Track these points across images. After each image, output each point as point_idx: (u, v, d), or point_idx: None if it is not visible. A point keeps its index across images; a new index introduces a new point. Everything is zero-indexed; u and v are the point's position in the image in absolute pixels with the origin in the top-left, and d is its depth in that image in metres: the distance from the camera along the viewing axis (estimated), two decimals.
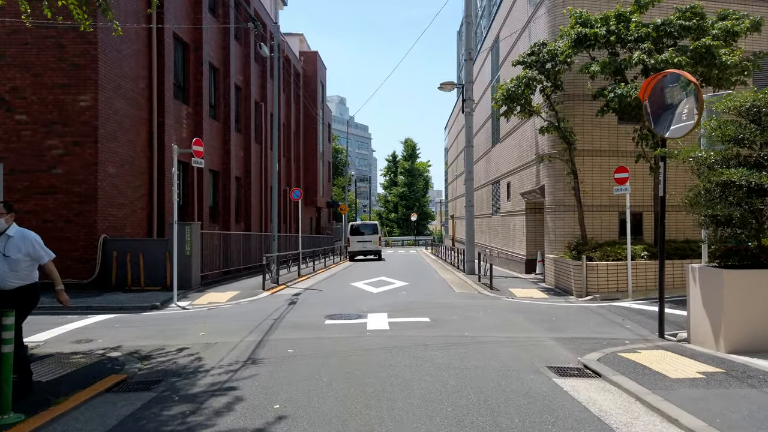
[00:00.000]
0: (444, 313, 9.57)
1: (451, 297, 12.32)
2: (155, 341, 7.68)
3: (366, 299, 11.92)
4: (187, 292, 13.13)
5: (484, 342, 7.21)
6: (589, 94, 14.71)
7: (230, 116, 22.07)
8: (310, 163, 38.67)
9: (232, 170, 22.10)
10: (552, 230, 15.06)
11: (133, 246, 13.65)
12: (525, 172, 17.82)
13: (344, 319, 9.09)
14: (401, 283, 15.46)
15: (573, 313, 9.79)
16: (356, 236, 30.09)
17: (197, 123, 19.09)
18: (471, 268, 18.24)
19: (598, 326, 8.44)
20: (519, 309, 10.25)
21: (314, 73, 40.08)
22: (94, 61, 13.44)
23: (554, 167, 14.96)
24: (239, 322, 9.17)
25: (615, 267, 12.17)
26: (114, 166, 14.13)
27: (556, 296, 12.40)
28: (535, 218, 17.68)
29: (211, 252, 17.55)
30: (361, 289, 14.15)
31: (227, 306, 11.44)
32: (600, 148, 14.93)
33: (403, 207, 69.55)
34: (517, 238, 19.05)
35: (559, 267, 13.69)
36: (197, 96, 19.13)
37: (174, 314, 10.41)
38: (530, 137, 17.15)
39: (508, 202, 20.65)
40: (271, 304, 11.43)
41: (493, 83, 23.69)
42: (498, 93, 14.35)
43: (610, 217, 14.95)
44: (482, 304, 10.94)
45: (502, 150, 21.97)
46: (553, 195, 15.02)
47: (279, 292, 13.79)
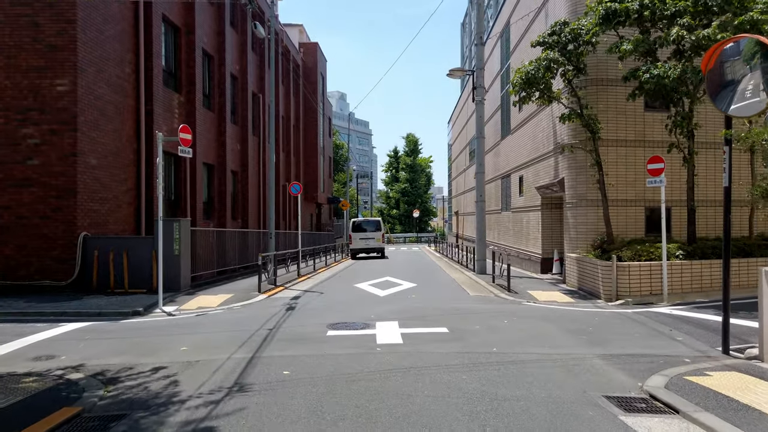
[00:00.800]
0: (463, 322, 8.39)
1: (467, 301, 11.13)
2: (128, 358, 6.51)
3: (372, 304, 10.74)
4: (176, 295, 11.95)
5: (519, 361, 6.03)
6: (613, 78, 13.54)
7: (225, 107, 20.87)
8: (311, 158, 37.46)
9: (227, 164, 20.91)
10: (573, 227, 13.87)
11: (116, 244, 12.47)
12: (540, 165, 16.61)
13: (349, 329, 7.92)
14: (409, 284, 14.28)
15: (609, 321, 8.61)
16: (358, 233, 28.91)
17: (190, 112, 17.89)
18: (482, 268, 17.07)
19: (644, 338, 7.26)
20: (546, 316, 9.06)
21: (314, 65, 38.83)
22: (72, 41, 12.24)
23: (575, 158, 13.76)
24: (229, 332, 7.99)
25: (648, 268, 10.98)
26: (96, 157, 12.94)
27: (581, 300, 11.22)
28: (552, 214, 16.49)
29: (205, 251, 16.38)
30: (366, 291, 12.97)
31: (218, 311, 10.27)
32: (625, 137, 13.73)
33: (405, 203, 68.31)
34: (531, 236, 17.86)
35: (583, 267, 12.51)
36: (190, 84, 17.92)
37: (157, 322, 9.23)
38: (546, 127, 15.94)
39: (520, 198, 19.46)
40: (266, 309, 10.25)
41: (503, 72, 22.47)
42: (515, 77, 13.14)
43: (635, 212, 13.77)
44: (503, 310, 9.76)
45: (512, 142, 20.76)
46: (574, 189, 13.83)
47: (276, 294, 12.61)
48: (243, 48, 23.79)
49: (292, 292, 12.94)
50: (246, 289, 13.23)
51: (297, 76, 35.12)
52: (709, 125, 13.53)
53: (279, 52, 29.55)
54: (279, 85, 29.54)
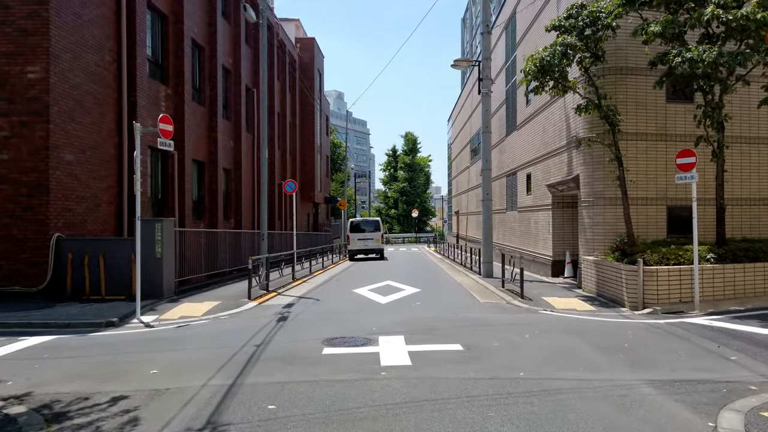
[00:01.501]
0: (478, 337, 7.36)
1: (478, 310, 10.09)
2: (86, 384, 5.47)
3: (373, 313, 9.70)
4: (157, 303, 10.90)
5: (553, 390, 5.00)
6: (632, 67, 12.53)
7: (217, 101, 19.79)
8: (307, 156, 36.41)
9: (219, 161, 19.83)
10: (589, 227, 12.86)
11: (92, 246, 11.40)
12: (551, 161, 15.60)
13: (348, 346, 6.88)
14: (412, 289, 13.24)
15: (644, 335, 7.58)
16: (356, 234, 27.86)
17: (178, 106, 16.81)
18: (488, 271, 16.05)
19: (692, 358, 6.24)
20: (570, 329, 8.03)
21: (311, 61, 37.77)
22: (45, 24, 11.17)
23: (592, 153, 12.75)
24: (210, 349, 6.95)
25: (677, 273, 9.96)
26: (72, 151, 11.88)
27: (603, 308, 10.20)
28: (563, 213, 15.47)
29: (194, 253, 15.36)
30: (366, 297, 11.93)
31: (202, 322, 9.21)
32: (645, 130, 12.72)
33: (403, 203, 67.27)
34: (540, 237, 16.85)
35: (603, 272, 11.48)
36: (178, 76, 16.85)
37: (131, 335, 8.18)
38: (559, 120, 14.93)
39: (527, 196, 18.44)
40: (255, 319, 9.20)
41: (508, 65, 21.46)
42: (528, 65, 12.11)
43: (656, 211, 12.76)
44: (520, 321, 8.73)
45: (519, 138, 19.74)
46: (591, 186, 12.82)
47: (268, 301, 11.56)
48: (236, 40, 22.72)
49: (285, 299, 11.90)
50: (235, 295, 12.18)
51: (293, 71, 34.08)
52: (738, 117, 12.55)
53: (274, 45, 28.51)
54: (274, 81, 28.48)
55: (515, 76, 20.27)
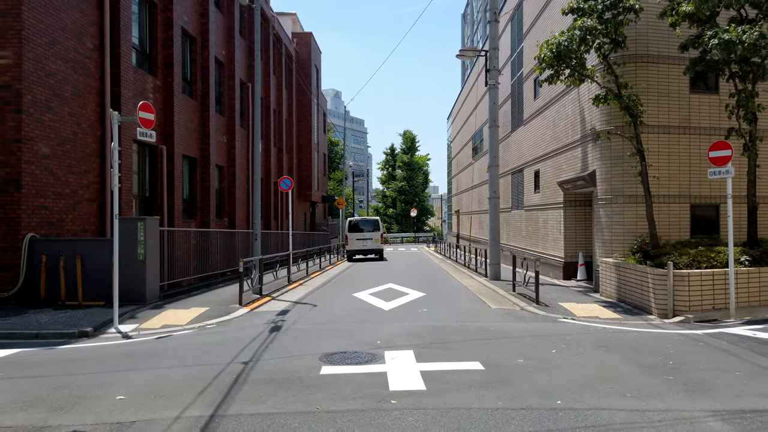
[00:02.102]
0: (498, 352, 6.45)
1: (491, 317, 9.17)
2: (36, 414, 4.54)
3: (377, 321, 8.78)
4: (139, 309, 9.96)
5: (602, 425, 4.09)
6: (654, 54, 11.66)
7: (210, 95, 18.85)
8: (304, 154, 35.47)
9: (212, 157, 18.89)
10: (606, 227, 11.97)
11: (69, 247, 10.46)
12: (563, 157, 14.71)
13: (351, 364, 5.96)
14: (416, 293, 12.33)
15: (687, 349, 6.68)
16: (355, 233, 26.94)
17: (167, 99, 15.87)
18: (495, 273, 15.15)
19: (753, 379, 5.34)
20: (601, 341, 7.12)
21: (308, 57, 36.82)
22: (16, 4, 10.22)
23: (610, 148, 11.87)
24: (191, 367, 6.03)
25: (710, 277, 9.08)
26: (48, 144, 10.93)
27: (629, 316, 9.30)
28: (576, 212, 14.58)
29: (185, 254, 14.49)
30: (368, 303, 11.00)
31: (186, 332, 8.29)
32: (667, 123, 11.84)
33: (401, 202, 66.33)
34: (549, 237, 15.96)
35: (625, 275, 10.59)
36: (167, 66, 15.90)
37: (104, 349, 7.25)
38: (571, 113, 14.04)
39: (535, 194, 17.55)
40: (245, 329, 8.27)
41: (513, 58, 20.57)
42: (542, 52, 11.21)
43: (679, 210, 11.89)
44: (541, 332, 7.83)
45: (526, 134, 18.85)
46: (609, 183, 11.93)
47: (261, 307, 10.63)
48: (230, 32, 21.77)
49: (279, 304, 10.96)
50: (225, 300, 11.24)
51: (290, 67, 33.14)
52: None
53: (270, 38, 27.58)
54: (270, 75, 27.54)
55: (521, 68, 19.39)
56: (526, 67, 18.65)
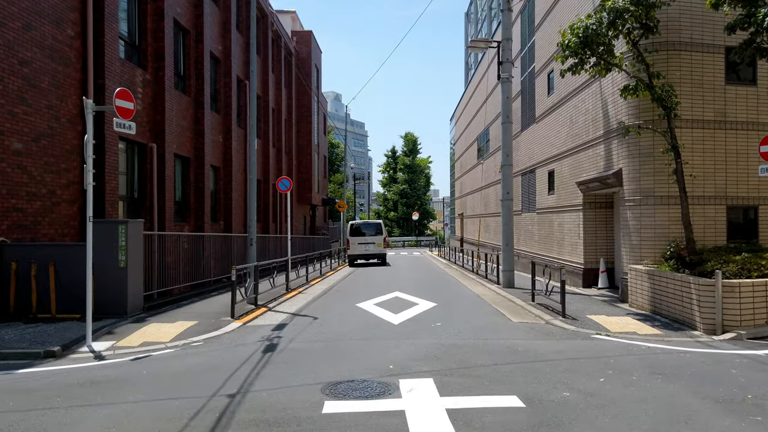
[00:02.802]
0: (536, 381, 5.39)
1: (516, 334, 8.09)
2: None
3: (386, 338, 7.72)
4: (119, 323, 8.91)
5: None
6: (687, 41, 10.64)
7: (204, 91, 17.83)
8: (304, 156, 34.45)
9: (206, 157, 17.86)
10: (635, 231, 10.92)
11: (42, 254, 9.40)
12: (582, 155, 13.67)
13: (359, 398, 4.90)
14: (426, 303, 11.26)
15: (757, 377, 5.62)
16: (357, 237, 25.89)
17: (158, 94, 14.84)
18: (509, 280, 14.10)
19: None
20: (653, 365, 6.06)
21: (308, 56, 35.85)
22: None
23: (639, 144, 10.83)
24: (164, 402, 4.97)
25: (763, 287, 8.02)
26: (22, 139, 9.90)
27: (670, 331, 8.23)
28: (597, 215, 13.54)
29: (176, 260, 13.52)
30: (374, 315, 9.93)
31: (167, 352, 7.23)
32: (702, 117, 10.81)
33: (403, 205, 65.33)
34: (566, 241, 14.91)
35: (660, 285, 9.53)
36: (158, 60, 14.88)
37: (69, 373, 6.19)
38: (592, 108, 13.00)
39: (549, 196, 16.51)
40: (235, 349, 7.21)
41: (524, 53, 19.55)
42: (566, 38, 10.18)
43: (714, 212, 10.84)
44: (579, 352, 6.77)
45: (538, 132, 17.82)
46: (637, 182, 10.89)
47: (255, 320, 9.57)
48: (226, 26, 20.76)
49: (276, 317, 9.90)
50: (217, 312, 10.18)
51: (289, 65, 32.16)
52: None
53: (269, 35, 26.61)
54: (268, 74, 26.56)
55: (533, 64, 18.38)
56: (539, 62, 17.65)
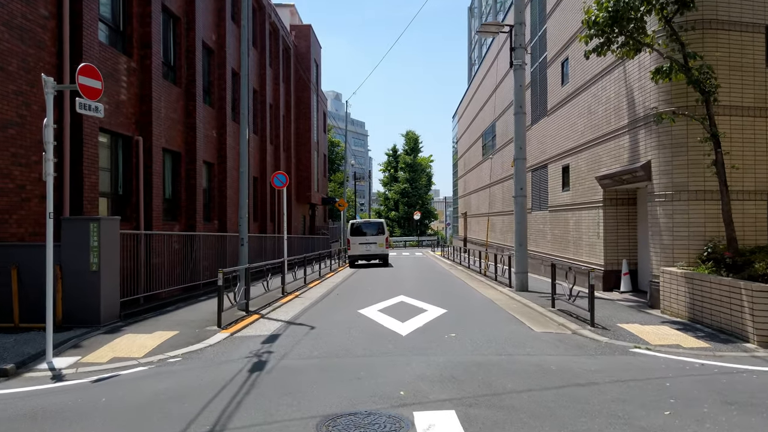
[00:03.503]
0: (585, 414, 4.32)
1: (543, 348, 7.00)
2: None
3: (395, 354, 6.66)
4: (89, 334, 7.86)
5: None
6: (724, 19, 9.59)
7: (196, 82, 16.77)
8: (303, 153, 33.41)
9: (198, 152, 16.81)
10: (666, 229, 9.87)
11: (3, 255, 8.37)
12: (603, 148, 12.62)
13: None
14: (435, 309, 10.21)
15: None
16: (358, 237, 24.84)
17: (144, 83, 13.78)
18: (522, 283, 13.05)
19: None
20: (722, 392, 4.99)
21: (307, 50, 34.81)
22: None
23: (671, 133, 9.78)
24: None
25: None
26: None
27: (719, 344, 7.17)
28: (619, 212, 12.50)
29: (165, 261, 12.56)
30: (378, 323, 8.87)
31: (139, 371, 6.18)
32: (741, 103, 9.77)
33: (404, 205, 64.24)
34: (583, 241, 13.86)
35: (700, 290, 8.46)
36: (144, 47, 13.82)
37: (13, 400, 5.14)
38: (615, 96, 11.96)
39: (563, 193, 15.47)
40: (218, 368, 6.16)
41: (534, 42, 18.50)
42: (591, 14, 9.13)
43: (755, 208, 9.81)
44: (623, 372, 5.71)
45: (551, 125, 16.78)
46: (669, 176, 9.84)
47: (244, 329, 8.52)
48: (221, 15, 19.73)
49: (268, 326, 8.85)
50: (202, 320, 9.13)
51: (288, 60, 31.14)
52: None
53: (266, 27, 25.58)
54: (266, 67, 25.53)
55: (544, 53, 17.34)
56: (551, 51, 16.61)
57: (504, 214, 23.88)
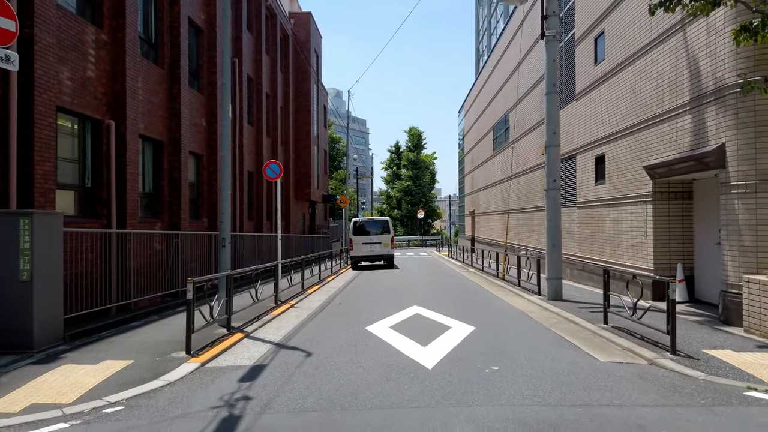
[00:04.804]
0: None
1: (630, 393, 5.01)
2: None
3: (422, 404, 4.74)
4: (15, 365, 5.97)
5: None
6: None
7: (181, 63, 14.87)
8: (302, 148, 31.53)
9: (184, 141, 14.91)
10: (748, 228, 7.97)
11: None
12: (653, 132, 10.73)
13: None
14: (461, 325, 8.32)
15: None
16: (361, 237, 22.97)
17: (117, 59, 11.89)
18: (556, 291, 11.17)
19: None
20: None
21: (307, 39, 32.93)
22: None
23: (753, 109, 7.89)
24: None
25: None
26: None
27: None
28: (671, 208, 10.61)
29: (143, 264, 10.80)
30: (392, 347, 6.97)
31: (58, 428, 4.30)
32: None
33: (407, 203, 62.34)
34: (624, 242, 11.97)
35: None
36: (117, 17, 11.93)
37: None
38: (670, 69, 10.05)
39: (598, 186, 13.57)
40: (168, 428, 4.28)
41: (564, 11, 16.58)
42: None
43: None
44: None
45: (580, 111, 14.89)
46: (751, 161, 7.94)
47: (220, 357, 6.62)
48: None
49: (252, 350, 6.96)
50: (170, 341, 7.23)
51: (286, 49, 29.25)
52: None
53: (262, 10, 23.70)
54: (261, 53, 23.65)
55: (572, 30, 15.45)
56: (580, 26, 14.72)
57: (519, 211, 22.01)
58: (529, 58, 20.15)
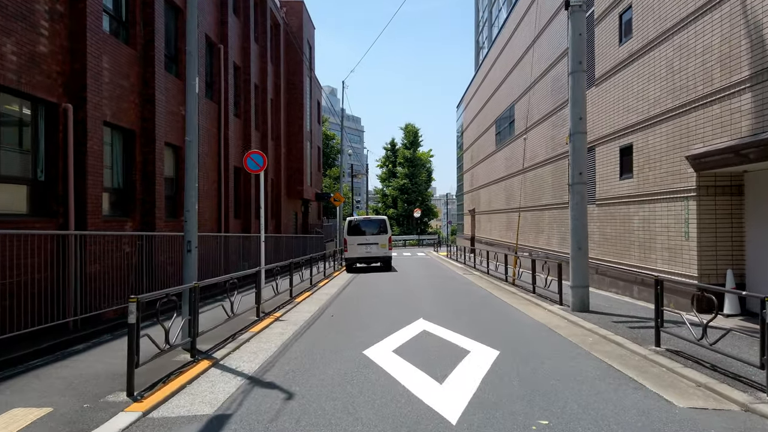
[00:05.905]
0: None
1: None
2: None
3: None
4: None
5: None
6: None
7: (156, 44, 13.25)
8: (294, 143, 29.96)
9: (159, 132, 13.30)
10: None
11: None
12: (697, 116, 9.23)
13: None
14: (481, 348, 6.80)
15: None
16: (356, 237, 21.43)
17: (76, 34, 10.26)
18: (582, 301, 9.66)
19: None
20: None
21: (299, 29, 31.36)
22: None
23: None
24: None
25: None
26: None
27: None
28: (719, 204, 9.13)
29: (109, 270, 9.27)
30: (399, 383, 5.41)
31: None
32: None
33: (403, 201, 60.83)
34: (657, 243, 10.48)
35: None
36: None
37: None
38: (719, 43, 8.55)
39: (624, 180, 12.09)
40: None
41: None
42: None
43: None
44: None
45: (602, 96, 13.40)
46: None
47: (173, 399, 5.05)
48: None
49: (217, 388, 5.40)
50: (112, 375, 5.66)
51: (277, 39, 27.67)
52: None
53: None
54: (249, 41, 22.06)
55: (591, 7, 13.96)
56: (601, 3, 13.24)
57: (527, 209, 20.53)
58: (539, 43, 18.66)
